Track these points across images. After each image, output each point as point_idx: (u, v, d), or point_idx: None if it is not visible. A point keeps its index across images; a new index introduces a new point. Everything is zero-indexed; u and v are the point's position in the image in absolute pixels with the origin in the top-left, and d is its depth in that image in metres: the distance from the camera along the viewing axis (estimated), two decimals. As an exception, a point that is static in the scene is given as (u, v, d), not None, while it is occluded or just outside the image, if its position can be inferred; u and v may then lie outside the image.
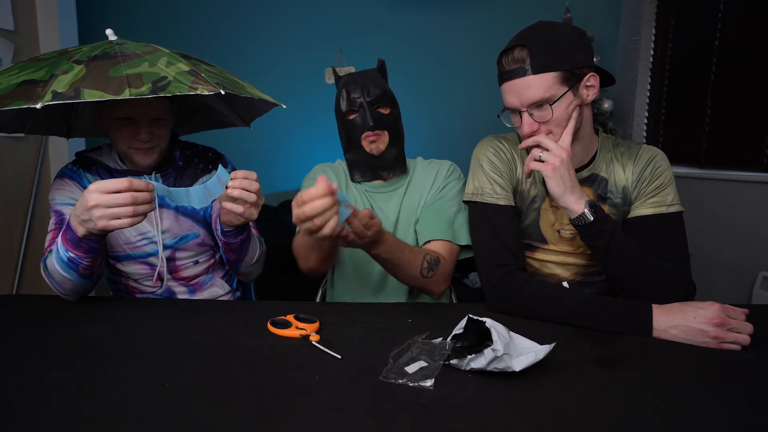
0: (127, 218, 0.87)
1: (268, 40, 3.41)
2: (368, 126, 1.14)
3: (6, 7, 1.94)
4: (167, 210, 1.19)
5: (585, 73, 0.97)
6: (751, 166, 2.28)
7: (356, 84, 1.16)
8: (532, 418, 0.61)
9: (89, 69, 0.88)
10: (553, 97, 0.95)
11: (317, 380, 0.71)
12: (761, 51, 2.24)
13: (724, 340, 0.83)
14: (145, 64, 0.92)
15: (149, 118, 1.10)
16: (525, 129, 0.99)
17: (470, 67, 3.34)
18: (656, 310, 0.89)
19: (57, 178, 1.17)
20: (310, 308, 1.03)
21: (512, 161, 1.11)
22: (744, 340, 0.83)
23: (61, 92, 0.82)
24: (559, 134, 0.99)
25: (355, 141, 1.18)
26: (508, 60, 0.98)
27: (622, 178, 1.07)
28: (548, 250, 1.11)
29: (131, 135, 1.09)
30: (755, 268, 2.16)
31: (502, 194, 1.08)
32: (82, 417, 0.61)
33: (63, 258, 0.97)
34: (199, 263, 1.25)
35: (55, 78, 0.86)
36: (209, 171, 1.26)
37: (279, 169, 3.38)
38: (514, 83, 0.97)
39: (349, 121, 1.17)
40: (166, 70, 0.91)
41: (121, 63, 0.90)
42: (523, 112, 0.98)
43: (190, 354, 0.80)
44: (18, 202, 2.04)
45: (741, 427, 0.60)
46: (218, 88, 0.90)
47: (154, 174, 1.19)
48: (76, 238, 0.94)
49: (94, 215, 0.86)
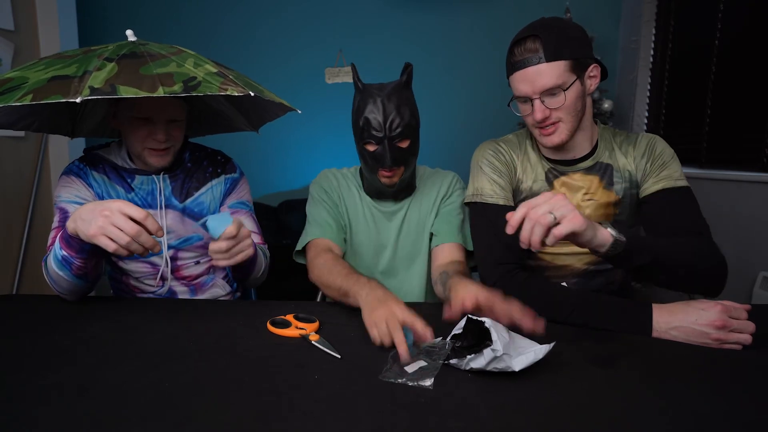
0: (117, 245, 0.86)
1: (268, 41, 3.41)
2: (386, 165, 1.10)
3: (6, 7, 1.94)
4: (173, 211, 1.19)
5: (589, 64, 1.03)
6: (751, 166, 2.28)
7: (379, 112, 1.08)
8: (531, 418, 0.61)
9: (121, 67, 0.89)
10: (564, 83, 0.99)
11: (317, 380, 0.71)
12: (761, 51, 2.23)
13: (725, 341, 0.83)
14: (173, 64, 0.92)
15: (166, 119, 1.10)
16: (537, 114, 1.02)
17: (470, 67, 3.34)
18: (656, 310, 0.88)
19: (63, 174, 1.16)
20: (310, 308, 1.03)
21: (511, 162, 1.14)
22: (746, 339, 0.83)
23: (98, 88, 0.83)
24: (569, 121, 1.03)
25: (370, 168, 1.15)
26: (521, 50, 1.01)
27: (624, 163, 1.11)
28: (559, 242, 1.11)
29: (147, 135, 1.10)
30: (755, 268, 2.16)
31: (502, 194, 1.11)
32: (82, 417, 0.61)
33: (58, 256, 0.97)
34: (200, 263, 1.25)
35: (90, 74, 0.86)
36: (218, 175, 1.25)
37: (279, 169, 3.38)
38: (527, 71, 1.00)
39: (366, 150, 1.13)
40: (195, 71, 0.92)
41: (150, 62, 0.91)
42: (535, 99, 1.01)
43: (190, 353, 0.80)
44: (18, 202, 2.04)
45: (741, 427, 0.60)
46: (247, 90, 0.91)
47: (162, 174, 1.19)
48: (67, 235, 0.94)
49: (97, 222, 0.86)
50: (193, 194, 1.22)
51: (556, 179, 1.12)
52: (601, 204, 1.10)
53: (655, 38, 2.93)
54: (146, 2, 3.43)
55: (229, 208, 1.25)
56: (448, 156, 2.75)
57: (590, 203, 1.10)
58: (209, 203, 1.23)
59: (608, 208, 1.10)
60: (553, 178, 1.12)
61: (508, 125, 3.24)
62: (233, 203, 1.26)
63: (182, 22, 3.41)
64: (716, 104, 2.50)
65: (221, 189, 1.25)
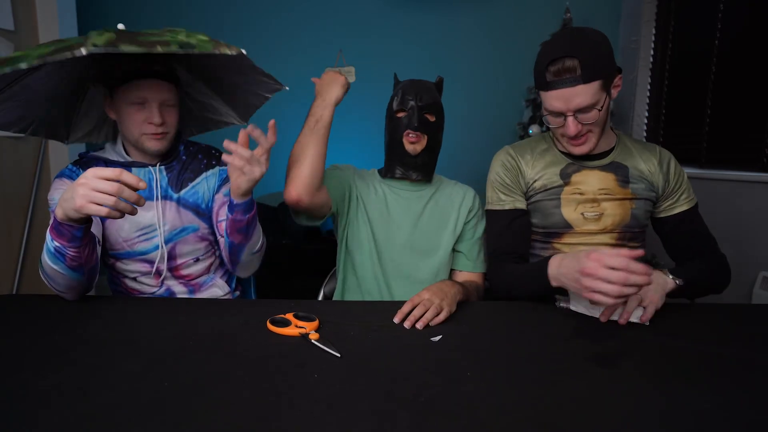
0: (106, 208, 0.86)
1: (268, 41, 3.41)
2: (412, 126, 1.22)
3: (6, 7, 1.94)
4: (169, 202, 1.20)
5: (615, 76, 1.09)
6: (751, 166, 2.28)
7: (412, 88, 1.26)
8: (531, 418, 0.61)
9: (119, 35, 0.91)
10: (598, 102, 1.05)
11: (316, 379, 0.71)
12: (761, 51, 2.24)
13: (592, 289, 0.83)
14: (167, 35, 0.95)
15: (160, 101, 1.13)
16: (571, 130, 1.08)
17: (471, 67, 3.33)
18: (554, 258, 1.00)
19: (56, 178, 1.17)
20: (310, 307, 1.03)
21: (518, 167, 1.23)
22: (612, 291, 0.81)
23: (101, 45, 0.86)
24: (598, 132, 1.11)
25: (397, 137, 1.25)
26: (558, 69, 1.04)
27: (642, 167, 1.19)
28: (575, 233, 1.19)
29: (143, 120, 1.13)
30: (755, 268, 2.15)
31: (507, 200, 1.22)
32: (81, 417, 0.61)
33: (51, 248, 0.97)
34: (199, 261, 1.25)
35: (91, 36, 0.89)
36: (212, 166, 1.27)
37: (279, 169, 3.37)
38: (564, 92, 1.05)
39: (396, 119, 1.26)
40: (188, 39, 0.95)
41: (145, 34, 0.94)
42: (569, 116, 1.07)
43: (190, 353, 0.80)
44: (18, 202, 2.04)
45: (741, 427, 0.60)
46: (240, 50, 0.94)
47: (158, 165, 1.20)
48: (57, 223, 0.94)
49: (78, 192, 0.86)
50: (188, 185, 1.23)
51: (574, 174, 1.19)
52: (618, 199, 1.17)
53: (655, 38, 2.93)
54: (146, 3, 3.43)
55: (224, 196, 1.26)
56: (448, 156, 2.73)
57: (607, 198, 1.17)
58: (203, 194, 1.25)
59: (625, 204, 1.17)
60: (572, 173, 1.19)
61: (507, 126, 3.25)
62: (228, 191, 1.26)
63: (182, 22, 3.39)
64: (716, 104, 2.50)
65: (216, 180, 1.27)
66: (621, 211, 1.17)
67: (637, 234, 1.20)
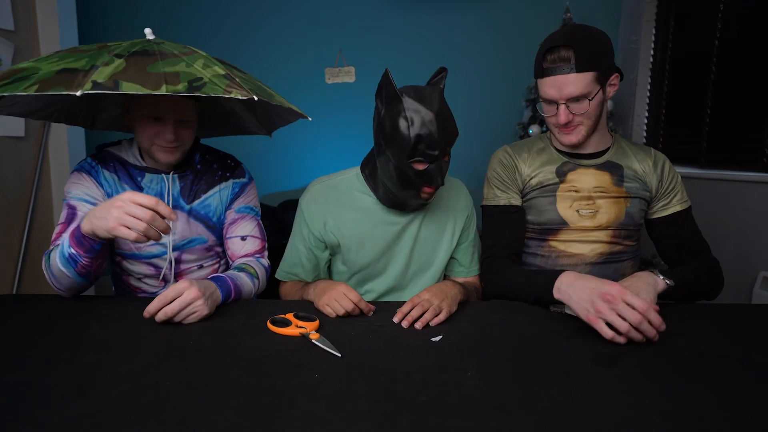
0: (135, 233, 0.88)
1: (268, 41, 3.41)
2: (436, 184, 1.03)
3: (6, 7, 1.94)
4: (180, 212, 1.19)
5: (611, 74, 1.12)
6: (751, 166, 2.28)
7: (434, 128, 0.99)
8: (531, 418, 0.61)
9: (129, 63, 0.89)
10: (590, 93, 1.08)
11: (317, 379, 0.71)
12: (761, 51, 2.23)
13: (603, 315, 0.84)
14: (182, 64, 0.92)
15: (176, 119, 1.09)
16: (562, 118, 1.11)
17: (471, 67, 3.33)
18: (566, 274, 0.98)
19: (75, 171, 1.16)
20: (310, 307, 1.03)
21: (515, 165, 1.25)
22: (622, 326, 0.81)
23: (101, 83, 0.84)
24: (588, 125, 1.13)
25: (413, 185, 1.05)
26: (554, 57, 1.08)
27: (636, 167, 1.21)
28: (570, 230, 1.20)
29: (156, 133, 1.09)
30: (755, 268, 2.15)
31: (502, 196, 1.24)
32: (81, 416, 0.61)
33: (65, 253, 0.98)
34: (203, 267, 1.25)
35: (96, 69, 0.87)
36: (226, 179, 1.24)
37: (279, 169, 3.38)
38: (557, 78, 1.08)
39: (413, 169, 1.02)
40: (203, 72, 0.92)
41: (159, 60, 0.91)
42: (561, 104, 1.10)
43: (190, 353, 0.80)
44: (18, 201, 2.04)
45: (741, 427, 0.60)
46: (252, 94, 0.91)
47: (172, 174, 1.18)
48: (80, 234, 0.94)
49: (113, 214, 0.88)
50: (201, 197, 1.21)
51: (570, 172, 1.20)
52: (613, 197, 1.19)
53: (655, 38, 2.93)
54: (146, 3, 3.43)
55: (236, 213, 1.25)
56: (448, 156, 2.75)
57: (602, 195, 1.18)
58: (216, 206, 1.23)
59: (620, 202, 1.19)
60: (567, 171, 1.20)
61: (508, 125, 3.25)
62: (240, 207, 1.26)
63: (182, 23, 3.41)
64: (716, 104, 2.50)
65: (228, 193, 1.24)
66: (616, 209, 1.18)
67: (632, 232, 1.21)
